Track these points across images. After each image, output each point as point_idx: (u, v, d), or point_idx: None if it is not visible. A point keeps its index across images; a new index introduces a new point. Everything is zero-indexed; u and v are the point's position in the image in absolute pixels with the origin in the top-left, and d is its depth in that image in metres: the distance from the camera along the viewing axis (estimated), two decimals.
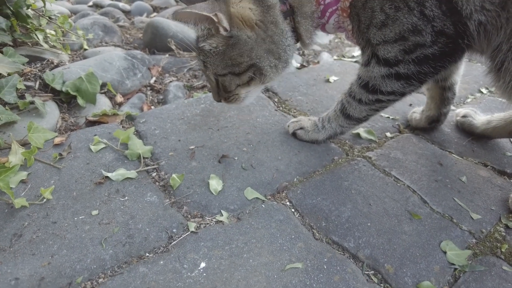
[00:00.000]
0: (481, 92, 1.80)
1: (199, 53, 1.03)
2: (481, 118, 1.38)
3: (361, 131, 1.35)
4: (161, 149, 1.20)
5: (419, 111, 1.42)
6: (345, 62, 2.01)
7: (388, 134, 1.38)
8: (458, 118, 1.44)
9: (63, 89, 1.45)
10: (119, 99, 1.59)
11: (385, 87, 1.01)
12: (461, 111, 1.44)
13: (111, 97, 1.58)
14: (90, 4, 2.91)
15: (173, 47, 1.99)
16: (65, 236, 0.89)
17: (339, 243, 0.92)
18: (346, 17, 0.99)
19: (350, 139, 1.33)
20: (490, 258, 0.92)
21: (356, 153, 1.26)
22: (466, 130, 1.41)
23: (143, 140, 1.24)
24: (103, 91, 1.57)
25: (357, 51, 2.11)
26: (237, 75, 1.03)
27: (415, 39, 0.90)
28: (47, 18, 1.81)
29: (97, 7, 2.85)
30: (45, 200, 0.98)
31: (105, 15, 2.53)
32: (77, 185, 1.04)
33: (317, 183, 1.10)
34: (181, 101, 1.52)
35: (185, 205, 1.00)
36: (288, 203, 1.03)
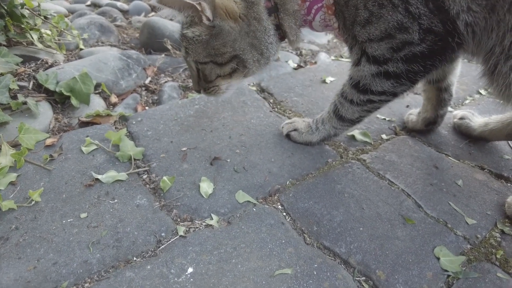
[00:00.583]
0: (480, 93, 1.77)
1: (182, 39, 1.03)
2: (479, 120, 1.36)
3: (356, 133, 1.33)
4: (153, 151, 1.18)
5: (415, 113, 1.40)
6: (343, 62, 1.99)
7: (383, 136, 1.36)
8: (455, 120, 1.41)
9: (57, 90, 1.43)
10: (114, 99, 1.58)
11: (376, 86, 0.99)
12: (458, 113, 1.42)
13: (106, 98, 1.57)
14: (88, 3, 2.90)
15: (169, 47, 1.97)
16: (52, 239, 0.88)
17: (330, 248, 0.91)
18: (331, 14, 0.98)
19: (345, 141, 1.31)
20: (484, 264, 0.90)
21: (350, 156, 1.25)
22: (463, 132, 1.39)
23: (135, 141, 1.22)
24: (97, 91, 1.56)
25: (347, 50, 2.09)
26: (219, 65, 1.03)
27: (402, 36, 0.88)
28: (42, 17, 1.80)
29: (95, 6, 2.83)
30: (33, 202, 0.97)
31: (102, 14, 2.52)
32: (66, 187, 1.03)
33: (309, 186, 1.09)
34: (175, 101, 1.51)
35: (174, 209, 0.98)
36: (279, 207, 1.02)
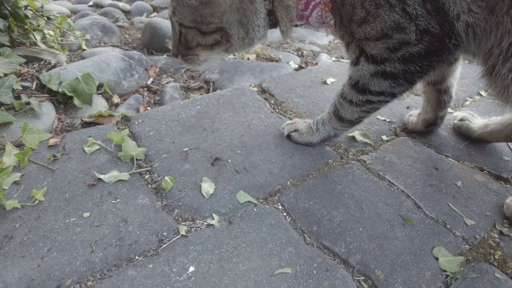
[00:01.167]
0: (480, 94, 1.78)
1: None
2: (479, 121, 1.37)
3: (357, 134, 1.34)
4: (155, 151, 1.20)
5: (415, 114, 1.41)
6: (344, 63, 2.00)
7: (384, 137, 1.37)
8: (455, 121, 1.42)
9: (60, 90, 1.45)
10: (116, 100, 1.59)
11: (374, 86, 1.00)
12: (458, 114, 1.42)
13: (108, 98, 1.58)
14: (90, 4, 2.92)
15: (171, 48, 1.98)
16: (55, 238, 0.89)
17: (330, 248, 0.92)
18: (328, 11, 0.99)
19: (345, 142, 1.32)
20: (483, 265, 0.91)
21: (350, 157, 1.26)
22: (463, 133, 1.39)
23: (137, 141, 1.24)
24: (100, 92, 1.57)
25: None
26: (202, 34, 1.03)
27: (399, 36, 0.89)
28: (45, 18, 1.81)
29: (97, 7, 2.85)
30: (37, 201, 0.98)
31: (104, 15, 2.54)
32: (69, 186, 1.04)
33: (310, 187, 1.10)
34: (177, 102, 1.52)
35: (176, 208, 1.00)
36: (280, 207, 1.03)
